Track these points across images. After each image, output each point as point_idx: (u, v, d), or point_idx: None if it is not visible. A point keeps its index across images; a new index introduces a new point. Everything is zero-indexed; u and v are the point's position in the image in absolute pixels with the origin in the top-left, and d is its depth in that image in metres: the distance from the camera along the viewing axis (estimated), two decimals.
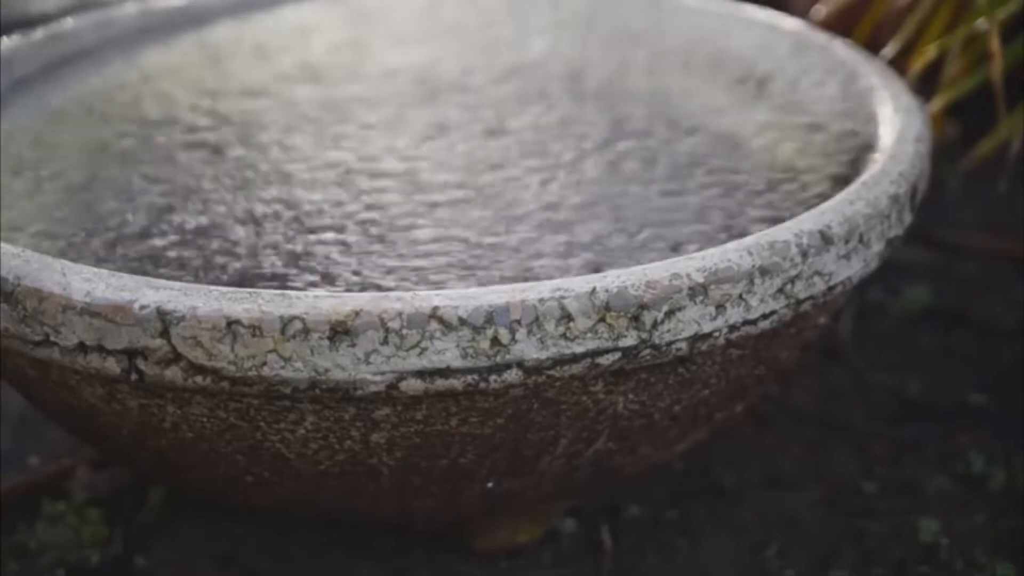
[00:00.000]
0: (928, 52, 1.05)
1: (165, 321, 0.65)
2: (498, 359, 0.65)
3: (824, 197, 0.78)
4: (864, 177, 0.78)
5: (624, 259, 0.77)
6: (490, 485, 0.75)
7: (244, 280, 0.76)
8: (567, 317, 0.65)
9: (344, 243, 0.80)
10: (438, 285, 0.74)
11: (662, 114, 0.94)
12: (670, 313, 0.67)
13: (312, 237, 0.80)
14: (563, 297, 0.65)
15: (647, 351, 0.67)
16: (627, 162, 0.89)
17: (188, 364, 0.65)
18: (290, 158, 0.90)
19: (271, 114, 0.96)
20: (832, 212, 0.73)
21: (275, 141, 0.92)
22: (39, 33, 1.02)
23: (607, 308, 0.66)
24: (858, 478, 0.93)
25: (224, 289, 0.66)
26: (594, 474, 0.77)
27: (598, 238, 0.80)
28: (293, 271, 0.77)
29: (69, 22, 1.04)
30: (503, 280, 0.74)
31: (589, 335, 0.66)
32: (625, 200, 0.84)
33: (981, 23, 1.00)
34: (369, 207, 0.83)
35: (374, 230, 0.81)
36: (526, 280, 0.73)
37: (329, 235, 0.80)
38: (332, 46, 1.07)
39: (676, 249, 0.77)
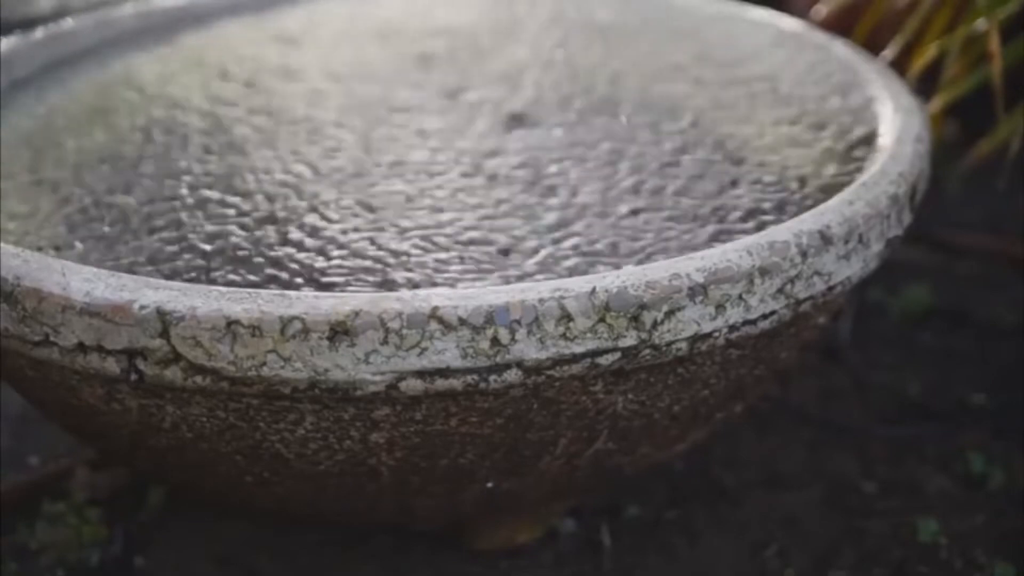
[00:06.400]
0: (928, 52, 1.05)
1: (165, 321, 0.65)
2: (498, 359, 0.65)
3: (823, 197, 0.78)
4: (863, 177, 0.77)
5: None
6: (490, 485, 0.75)
7: None
8: (567, 317, 0.65)
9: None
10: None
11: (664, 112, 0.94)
12: (670, 313, 0.67)
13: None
14: (563, 297, 0.65)
15: (647, 351, 0.67)
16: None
17: (188, 364, 0.65)
18: None
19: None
20: (831, 212, 0.73)
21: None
22: (39, 33, 1.02)
23: (607, 308, 0.66)
24: (858, 478, 0.93)
25: (223, 289, 0.66)
26: (594, 474, 0.77)
27: None
28: None
29: (69, 22, 1.04)
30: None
31: (589, 335, 0.66)
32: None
33: (981, 23, 1.00)
34: None
35: None
36: None
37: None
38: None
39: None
